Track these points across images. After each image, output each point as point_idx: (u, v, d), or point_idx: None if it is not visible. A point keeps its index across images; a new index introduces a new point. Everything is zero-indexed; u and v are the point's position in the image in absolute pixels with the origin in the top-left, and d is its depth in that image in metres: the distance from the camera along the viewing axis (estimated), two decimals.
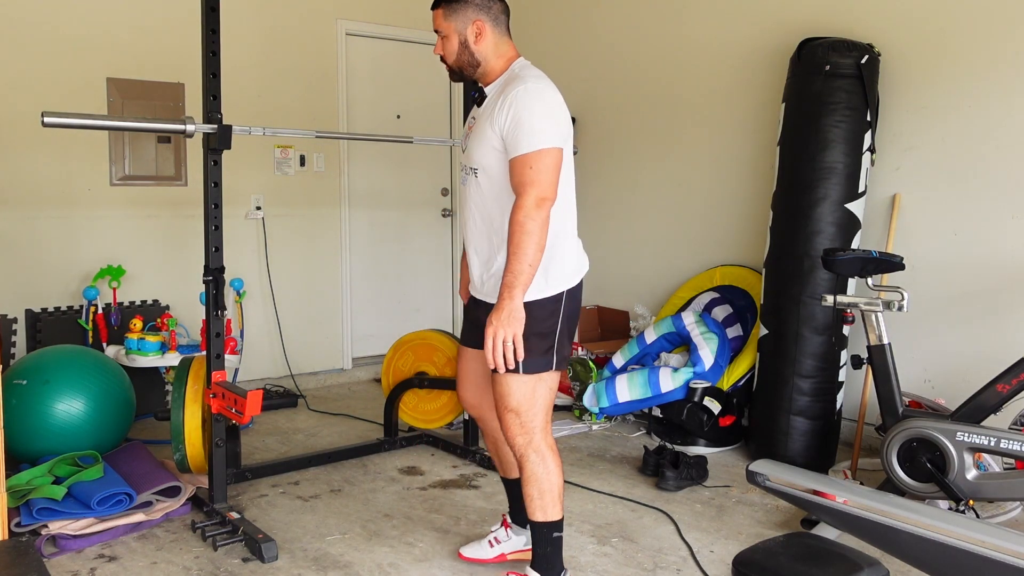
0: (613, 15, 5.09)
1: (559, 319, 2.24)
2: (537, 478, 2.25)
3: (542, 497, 2.26)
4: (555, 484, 2.27)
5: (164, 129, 2.88)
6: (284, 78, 4.96)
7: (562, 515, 2.30)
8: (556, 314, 2.23)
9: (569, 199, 2.27)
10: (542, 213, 2.09)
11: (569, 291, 2.26)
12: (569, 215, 2.28)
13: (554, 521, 2.29)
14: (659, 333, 4.25)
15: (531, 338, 2.17)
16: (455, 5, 2.23)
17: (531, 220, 2.07)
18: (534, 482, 2.26)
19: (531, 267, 2.09)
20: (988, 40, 3.40)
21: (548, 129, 2.12)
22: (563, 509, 2.31)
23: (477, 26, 2.23)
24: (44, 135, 4.21)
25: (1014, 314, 3.36)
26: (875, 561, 2.28)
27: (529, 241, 2.07)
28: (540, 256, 2.11)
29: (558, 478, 2.27)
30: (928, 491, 2.86)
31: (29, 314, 4.20)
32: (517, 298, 2.10)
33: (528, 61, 2.33)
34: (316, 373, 5.22)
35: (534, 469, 2.25)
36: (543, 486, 2.26)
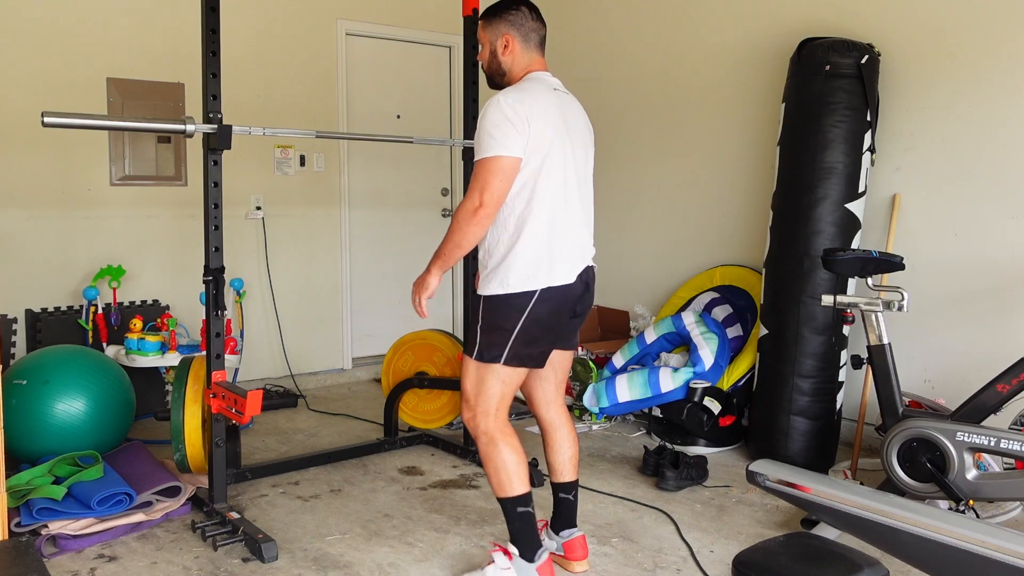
0: (613, 15, 5.09)
1: (522, 318, 2.33)
2: (490, 458, 2.41)
3: (497, 475, 2.41)
4: (507, 463, 2.39)
5: (164, 129, 2.88)
6: (284, 78, 4.96)
7: (527, 491, 2.41)
8: (520, 313, 2.33)
9: (540, 205, 2.32)
10: (471, 216, 2.26)
11: (542, 295, 2.32)
12: (538, 220, 2.32)
13: (515, 496, 2.40)
14: (659, 333, 4.25)
15: (488, 329, 2.35)
16: (491, 19, 2.45)
17: (460, 217, 2.28)
18: (487, 462, 2.43)
19: (448, 251, 2.32)
20: (988, 40, 3.40)
21: (497, 138, 2.24)
22: (523, 487, 2.40)
23: (506, 39, 2.43)
24: (44, 135, 4.21)
25: (1014, 314, 3.36)
26: (875, 561, 2.28)
27: (453, 230, 2.30)
28: (458, 249, 2.31)
29: (511, 456, 2.39)
30: (928, 491, 2.86)
31: (29, 314, 4.20)
32: (432, 269, 2.37)
33: (546, 74, 2.46)
34: (316, 373, 5.22)
35: (485, 450, 2.43)
36: (496, 465, 2.40)
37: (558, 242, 2.35)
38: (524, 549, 2.43)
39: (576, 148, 2.42)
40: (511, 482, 2.39)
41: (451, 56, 5.69)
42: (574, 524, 2.66)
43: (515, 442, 2.42)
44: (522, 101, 2.27)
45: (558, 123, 2.34)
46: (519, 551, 2.43)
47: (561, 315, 2.41)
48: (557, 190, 2.34)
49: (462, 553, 2.78)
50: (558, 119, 2.35)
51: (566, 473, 2.64)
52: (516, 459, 2.41)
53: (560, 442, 2.64)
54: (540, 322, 2.35)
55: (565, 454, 2.64)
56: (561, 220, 2.35)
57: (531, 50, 2.45)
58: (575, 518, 2.67)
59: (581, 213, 2.43)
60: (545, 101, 2.32)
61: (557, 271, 2.34)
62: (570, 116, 2.42)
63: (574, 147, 2.41)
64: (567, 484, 2.64)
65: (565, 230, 2.36)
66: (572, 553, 2.62)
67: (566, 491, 2.64)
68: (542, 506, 3.06)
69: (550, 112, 2.32)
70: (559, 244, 2.35)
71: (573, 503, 2.65)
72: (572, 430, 2.66)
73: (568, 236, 2.38)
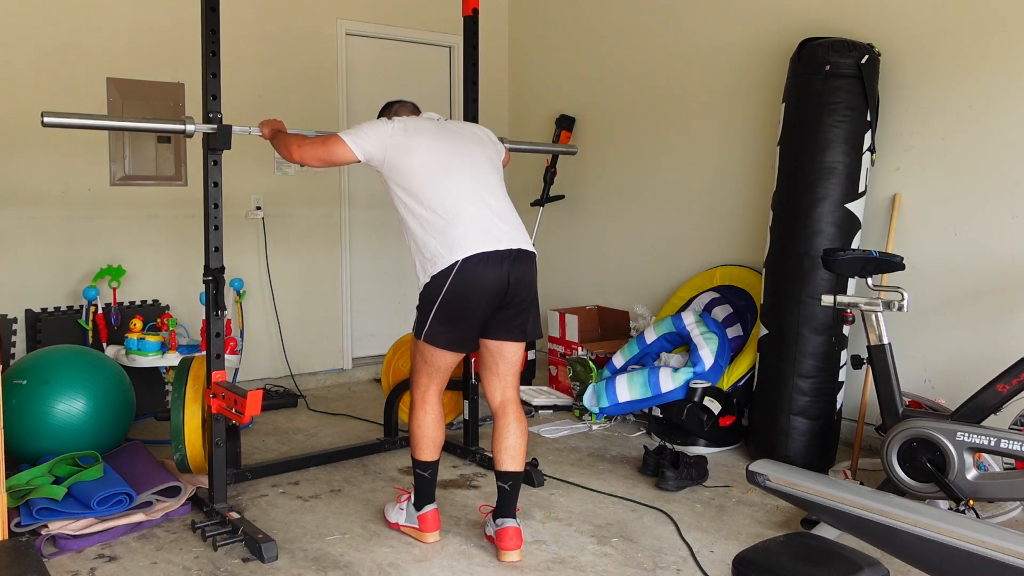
0: (613, 15, 5.09)
1: (436, 303, 2.68)
2: (410, 421, 2.89)
3: (411, 436, 2.88)
4: (419, 431, 2.84)
5: (164, 129, 2.88)
6: (284, 78, 4.96)
7: (428, 460, 2.85)
8: (435, 296, 2.68)
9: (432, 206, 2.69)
10: (293, 158, 2.92)
11: (451, 283, 2.64)
12: (433, 219, 2.69)
13: (417, 460, 2.87)
14: (659, 333, 4.25)
15: (417, 311, 2.78)
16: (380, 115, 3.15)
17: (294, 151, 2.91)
18: (409, 423, 2.91)
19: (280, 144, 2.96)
20: (988, 40, 3.40)
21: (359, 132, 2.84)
22: (428, 455, 2.84)
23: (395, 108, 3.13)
24: (44, 135, 4.21)
25: (1014, 314, 3.36)
26: (875, 561, 2.28)
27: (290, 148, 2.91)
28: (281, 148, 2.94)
29: (420, 427, 2.84)
30: (928, 491, 2.86)
31: (29, 314, 4.20)
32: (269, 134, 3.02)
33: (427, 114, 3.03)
34: (316, 373, 5.22)
35: (410, 413, 2.91)
36: (411, 428, 2.88)
37: (453, 232, 2.66)
38: (417, 499, 2.90)
39: (469, 156, 2.82)
40: (417, 447, 2.85)
41: (451, 56, 5.69)
42: (510, 515, 2.76)
43: (430, 417, 2.84)
44: (407, 128, 2.80)
45: (441, 142, 2.78)
46: (414, 499, 2.90)
47: (476, 299, 2.66)
48: (447, 192, 2.70)
49: (462, 553, 2.78)
50: (442, 139, 2.79)
51: (504, 463, 2.77)
52: (425, 432, 2.84)
53: (502, 431, 2.79)
54: (453, 305, 2.66)
55: (505, 442, 2.78)
56: (455, 214, 2.67)
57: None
58: (511, 509, 2.77)
59: (478, 209, 2.72)
60: (423, 127, 2.82)
61: (456, 253, 2.64)
62: (458, 134, 2.87)
63: (464, 156, 2.80)
64: (504, 473, 2.77)
65: (458, 222, 2.67)
66: (502, 542, 2.73)
67: (503, 480, 2.78)
68: (534, 505, 3.05)
69: (429, 135, 2.79)
70: (455, 234, 2.65)
71: (509, 493, 2.76)
72: (520, 422, 2.81)
73: (463, 226, 2.67)
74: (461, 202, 2.70)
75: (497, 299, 2.69)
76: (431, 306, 2.69)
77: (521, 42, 5.89)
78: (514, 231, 2.76)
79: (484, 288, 2.65)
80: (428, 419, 2.84)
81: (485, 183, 2.80)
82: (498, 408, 2.83)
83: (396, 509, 2.97)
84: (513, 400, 2.84)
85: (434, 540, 2.86)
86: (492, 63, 5.77)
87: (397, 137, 2.76)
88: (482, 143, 2.92)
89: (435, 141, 2.78)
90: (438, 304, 2.67)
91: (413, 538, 2.89)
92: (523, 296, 2.74)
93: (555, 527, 2.99)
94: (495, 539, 2.76)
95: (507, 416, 2.80)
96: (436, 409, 2.86)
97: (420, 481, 2.88)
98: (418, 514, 2.87)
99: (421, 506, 2.88)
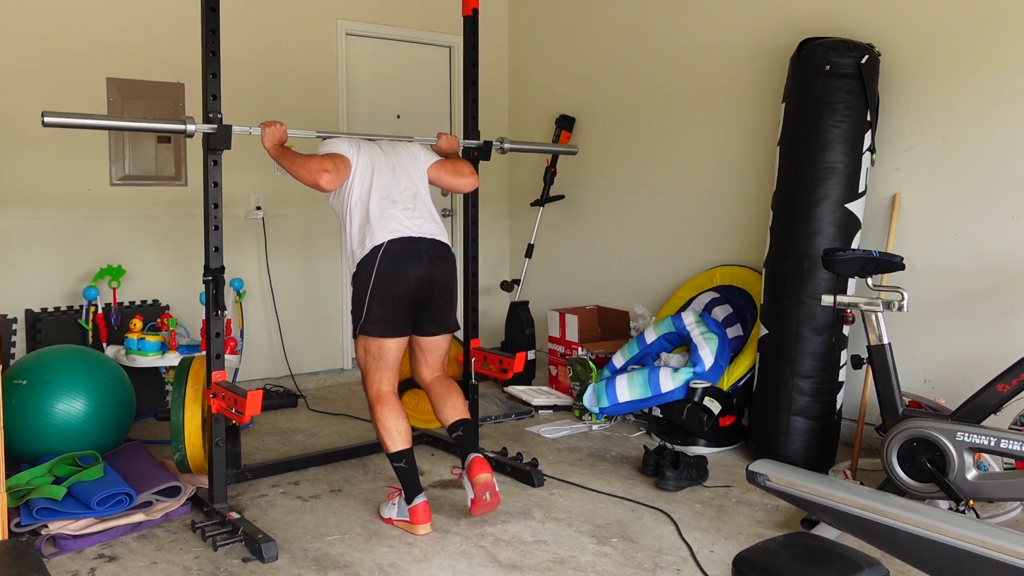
0: (613, 15, 5.09)
1: (367, 294, 2.95)
2: (373, 420, 3.03)
3: (378, 434, 3.01)
4: (380, 425, 2.98)
5: (164, 129, 2.89)
6: (284, 78, 4.96)
7: (400, 449, 2.95)
8: (364, 289, 2.96)
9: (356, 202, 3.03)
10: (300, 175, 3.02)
11: (378, 270, 2.92)
12: (357, 214, 3.02)
13: (390, 452, 2.97)
14: (659, 333, 4.25)
15: (352, 311, 3.03)
16: None
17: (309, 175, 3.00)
18: (373, 423, 3.04)
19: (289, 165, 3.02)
20: (988, 40, 3.40)
21: (322, 148, 3.10)
22: (395, 446, 2.94)
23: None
24: (44, 135, 4.22)
25: (1014, 314, 3.36)
26: (875, 561, 2.28)
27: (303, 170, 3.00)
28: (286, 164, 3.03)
29: (381, 422, 2.98)
30: (928, 491, 2.86)
31: (29, 314, 4.20)
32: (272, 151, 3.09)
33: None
34: (316, 373, 5.22)
35: (370, 414, 3.05)
36: (376, 426, 3.01)
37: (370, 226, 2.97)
38: (405, 493, 2.96)
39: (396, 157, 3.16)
40: (385, 442, 2.97)
41: (451, 56, 5.69)
42: (475, 448, 3.07)
43: (389, 410, 2.98)
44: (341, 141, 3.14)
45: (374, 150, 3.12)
46: (404, 494, 2.98)
47: (401, 286, 2.94)
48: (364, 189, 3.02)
49: (462, 553, 2.78)
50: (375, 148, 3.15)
51: (450, 417, 3.11)
52: (388, 424, 2.97)
53: (442, 397, 3.14)
54: (383, 293, 2.93)
55: (449, 405, 3.12)
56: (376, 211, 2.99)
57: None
58: (474, 445, 3.10)
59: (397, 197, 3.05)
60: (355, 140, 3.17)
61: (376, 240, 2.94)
62: (389, 145, 3.22)
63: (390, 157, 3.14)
64: (454, 423, 3.10)
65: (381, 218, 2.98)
66: (472, 471, 2.97)
67: (455, 429, 3.10)
68: (534, 505, 3.05)
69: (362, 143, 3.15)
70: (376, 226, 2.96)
71: (466, 436, 3.09)
72: (450, 383, 3.19)
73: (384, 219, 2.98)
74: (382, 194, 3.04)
75: (422, 289, 3.00)
76: (364, 297, 2.96)
77: (521, 42, 5.89)
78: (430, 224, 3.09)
79: (412, 279, 2.96)
80: (386, 413, 2.99)
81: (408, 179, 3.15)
82: (430, 384, 3.20)
83: (388, 505, 3.07)
84: (441, 373, 3.22)
85: (425, 532, 2.93)
86: (492, 63, 5.77)
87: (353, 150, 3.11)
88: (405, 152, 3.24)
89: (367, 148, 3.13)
90: (370, 298, 2.95)
91: (405, 530, 2.95)
92: (444, 288, 3.08)
93: (555, 527, 2.99)
94: (468, 473, 2.98)
95: (438, 384, 3.18)
96: (393, 402, 3.02)
97: (401, 473, 2.97)
98: (409, 507, 2.95)
99: (411, 499, 2.95)
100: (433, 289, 3.03)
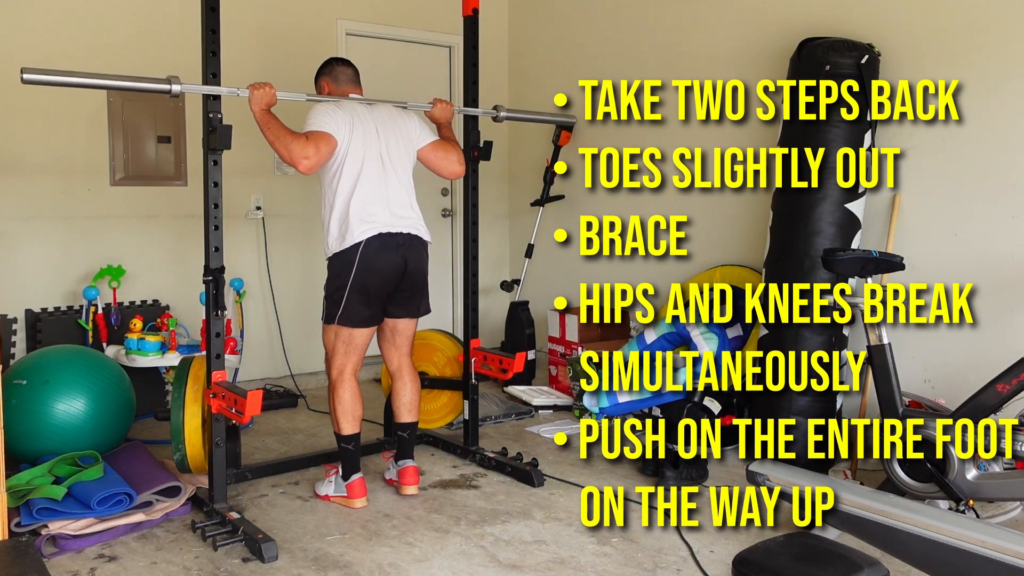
0: (613, 15, 5.09)
1: (347, 288, 3.06)
2: (329, 400, 3.20)
3: (332, 414, 3.19)
4: (333, 409, 3.17)
5: (147, 88, 2.90)
6: (284, 78, 4.92)
7: (350, 433, 3.15)
8: (342, 282, 3.06)
9: (341, 190, 3.06)
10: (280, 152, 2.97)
11: (358, 267, 3.02)
12: (340, 202, 3.06)
13: (340, 434, 3.16)
14: (659, 333, 4.24)
15: (325, 299, 3.15)
16: (317, 76, 3.46)
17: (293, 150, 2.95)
18: (330, 403, 3.21)
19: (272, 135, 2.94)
20: (988, 40, 3.40)
21: (309, 121, 3.06)
22: (348, 429, 3.14)
23: (323, 84, 3.40)
24: (44, 135, 4.22)
25: (1014, 314, 3.36)
26: (875, 561, 2.28)
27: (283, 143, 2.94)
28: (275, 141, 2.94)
29: (340, 403, 3.14)
30: (928, 491, 2.86)
31: (29, 314, 4.20)
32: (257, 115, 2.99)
33: (356, 96, 3.33)
34: (316, 373, 5.21)
35: (328, 395, 3.22)
36: (331, 405, 3.19)
37: (351, 214, 3.03)
38: (343, 471, 3.18)
39: (386, 141, 3.15)
40: (337, 423, 3.16)
41: (451, 56, 5.69)
42: (408, 456, 3.31)
43: (347, 394, 3.14)
44: (326, 108, 3.11)
45: (367, 130, 3.10)
46: (341, 472, 3.18)
47: (378, 280, 3.07)
48: (351, 176, 3.06)
49: (462, 553, 2.78)
50: (368, 123, 3.12)
51: (403, 415, 3.33)
52: (343, 407, 3.14)
53: (400, 390, 3.34)
54: (361, 288, 3.04)
55: (403, 399, 3.33)
56: (358, 207, 3.03)
57: (343, 85, 3.34)
58: (410, 452, 3.33)
59: (383, 191, 3.10)
60: (350, 111, 3.10)
61: (356, 235, 3.02)
62: (383, 120, 3.18)
63: (382, 140, 3.13)
64: (402, 424, 3.33)
65: (364, 215, 3.03)
66: (403, 479, 3.27)
67: (402, 430, 3.33)
68: (534, 505, 3.05)
69: (356, 118, 3.09)
70: (357, 223, 3.02)
71: (408, 440, 3.33)
72: (414, 382, 3.36)
73: (366, 217, 3.04)
74: (368, 187, 3.07)
75: (396, 279, 3.12)
76: (343, 290, 3.06)
77: (521, 42, 5.89)
78: (410, 218, 3.17)
79: (387, 269, 3.08)
80: (347, 394, 3.15)
81: (394, 171, 3.16)
82: (395, 371, 3.36)
83: (325, 483, 3.24)
84: (408, 364, 3.37)
85: (361, 506, 3.13)
86: (492, 63, 5.77)
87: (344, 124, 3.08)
88: (398, 131, 3.22)
89: (360, 127, 3.10)
90: (350, 286, 3.05)
91: (343, 505, 3.15)
92: (417, 277, 3.22)
93: (555, 527, 2.99)
94: (397, 479, 3.29)
95: (403, 377, 3.34)
96: (353, 385, 3.17)
97: (345, 455, 3.16)
98: (346, 483, 3.15)
99: (348, 476, 3.15)
100: (405, 276, 3.15)
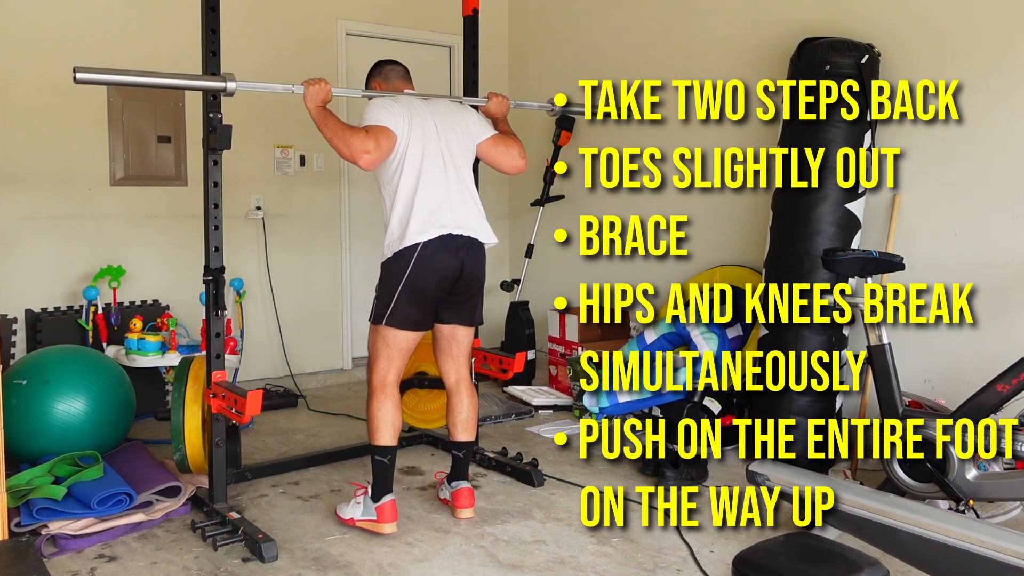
0: (613, 16, 5.09)
1: (398, 287, 2.88)
2: (367, 408, 2.95)
3: (369, 424, 2.94)
4: (372, 418, 2.92)
5: (203, 87, 2.83)
6: (284, 78, 4.90)
7: (386, 445, 2.90)
8: (395, 281, 2.88)
9: (402, 189, 2.91)
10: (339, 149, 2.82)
11: (413, 267, 2.86)
12: (401, 202, 2.91)
13: (375, 446, 2.91)
14: (659, 333, 4.24)
15: (376, 298, 2.96)
16: (368, 79, 3.31)
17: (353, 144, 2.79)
18: (367, 411, 2.96)
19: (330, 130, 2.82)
20: (988, 40, 3.40)
21: (367, 116, 2.91)
22: (385, 441, 2.90)
23: (375, 84, 3.26)
24: (44, 135, 4.22)
25: (1014, 314, 3.36)
26: (875, 561, 2.28)
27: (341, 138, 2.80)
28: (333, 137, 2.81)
29: (378, 412, 2.91)
30: (928, 491, 2.86)
31: (29, 314, 4.20)
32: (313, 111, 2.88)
33: (409, 91, 3.17)
34: (316, 373, 5.22)
35: (367, 401, 2.96)
36: (368, 415, 2.94)
37: (411, 217, 2.87)
38: (374, 491, 2.91)
39: (446, 137, 2.98)
40: (374, 433, 2.92)
41: (451, 56, 5.69)
42: (463, 478, 3.10)
43: (388, 402, 2.92)
44: (384, 103, 2.96)
45: (427, 126, 2.94)
46: (371, 492, 2.92)
47: (433, 282, 2.88)
48: (411, 176, 2.90)
49: (462, 553, 2.78)
50: (426, 118, 2.96)
51: (459, 434, 3.12)
52: (384, 416, 2.91)
53: (457, 406, 3.12)
54: (414, 289, 2.87)
55: (460, 416, 3.12)
56: (422, 208, 2.87)
57: (394, 82, 3.20)
58: (464, 473, 3.12)
59: (445, 190, 2.92)
60: (407, 105, 2.97)
61: (412, 237, 2.86)
62: (441, 115, 3.02)
63: (441, 136, 2.97)
64: (458, 443, 3.12)
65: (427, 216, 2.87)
66: (458, 501, 3.05)
67: (458, 449, 3.12)
68: (534, 505, 3.05)
69: (414, 112, 2.94)
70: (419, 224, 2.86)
71: (463, 460, 3.12)
72: (472, 398, 3.14)
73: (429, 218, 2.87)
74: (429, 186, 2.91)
75: (450, 282, 2.93)
76: (395, 289, 2.89)
77: (521, 42, 5.89)
78: (473, 219, 2.98)
79: (440, 272, 2.89)
80: (388, 403, 2.93)
81: (455, 168, 2.99)
82: (453, 386, 3.14)
83: (352, 504, 2.97)
84: (466, 379, 3.15)
85: (391, 532, 2.88)
86: (492, 63, 5.77)
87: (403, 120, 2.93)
88: (456, 126, 3.06)
89: (419, 122, 2.94)
90: (401, 291, 2.88)
91: (370, 531, 2.89)
92: (473, 281, 3.01)
93: (555, 527, 2.99)
94: (451, 500, 3.07)
95: (461, 393, 3.13)
96: (394, 393, 2.96)
97: (380, 469, 2.91)
98: (376, 505, 2.88)
99: (380, 497, 2.89)
100: (460, 279, 2.95)
